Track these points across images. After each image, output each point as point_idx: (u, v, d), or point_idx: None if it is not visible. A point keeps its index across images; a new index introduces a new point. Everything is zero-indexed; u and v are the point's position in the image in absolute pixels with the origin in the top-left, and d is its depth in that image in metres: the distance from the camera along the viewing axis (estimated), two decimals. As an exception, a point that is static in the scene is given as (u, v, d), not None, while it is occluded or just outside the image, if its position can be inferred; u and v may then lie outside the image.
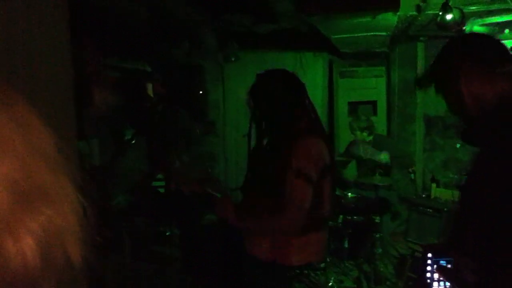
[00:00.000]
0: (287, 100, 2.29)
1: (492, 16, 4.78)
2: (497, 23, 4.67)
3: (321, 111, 5.80)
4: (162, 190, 4.34)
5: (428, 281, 1.46)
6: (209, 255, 2.45)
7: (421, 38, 6.26)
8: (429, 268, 1.46)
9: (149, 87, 4.98)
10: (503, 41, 1.55)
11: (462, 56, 1.50)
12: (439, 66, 1.58)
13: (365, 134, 5.36)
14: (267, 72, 2.39)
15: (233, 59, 6.00)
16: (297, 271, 4.15)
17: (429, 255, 1.47)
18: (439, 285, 1.46)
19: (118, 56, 4.31)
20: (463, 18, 4.55)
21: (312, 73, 6.49)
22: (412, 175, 6.00)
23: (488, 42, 1.53)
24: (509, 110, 1.39)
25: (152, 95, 4.96)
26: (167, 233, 4.62)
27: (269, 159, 2.32)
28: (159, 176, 4.38)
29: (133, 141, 4.27)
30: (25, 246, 0.43)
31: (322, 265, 4.42)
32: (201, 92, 6.38)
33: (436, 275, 1.47)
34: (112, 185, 3.65)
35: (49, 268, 0.46)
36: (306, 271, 4.44)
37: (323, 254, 2.51)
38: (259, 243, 2.27)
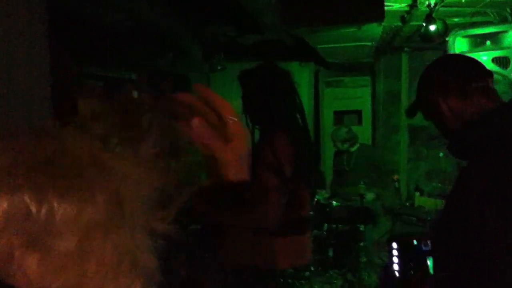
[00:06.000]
0: (277, 95, 2.29)
1: (474, 28, 4.87)
2: (479, 35, 4.75)
3: (306, 120, 5.83)
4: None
5: (396, 271, 1.48)
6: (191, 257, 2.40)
7: (406, 49, 6.34)
8: (395, 259, 1.49)
9: (135, 95, 4.97)
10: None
11: (439, 74, 1.58)
12: (420, 89, 1.65)
13: (346, 145, 5.39)
14: (261, 65, 2.38)
15: (219, 67, 6.02)
16: (281, 279, 4.15)
17: (394, 245, 1.50)
18: (404, 273, 1.48)
19: (102, 65, 4.30)
20: (446, 29, 4.63)
21: (298, 82, 6.53)
22: (397, 184, 6.05)
23: (464, 60, 1.60)
24: (487, 123, 1.43)
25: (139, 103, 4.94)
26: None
27: (252, 155, 2.31)
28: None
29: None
30: None
31: (307, 274, 4.42)
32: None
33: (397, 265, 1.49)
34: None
35: None
36: (290, 280, 4.44)
37: (308, 257, 2.48)
38: (238, 247, 2.23)
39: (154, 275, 0.50)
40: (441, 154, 5.54)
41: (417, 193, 5.44)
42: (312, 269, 4.16)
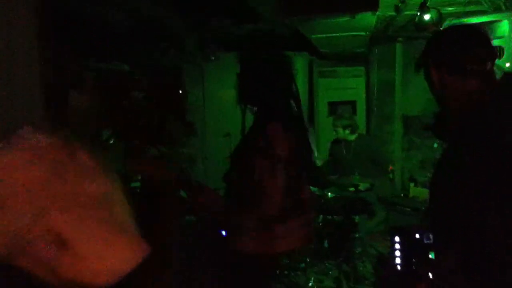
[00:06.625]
0: (273, 81, 2.25)
1: (468, 17, 4.85)
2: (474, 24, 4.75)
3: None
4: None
5: (397, 262, 1.48)
6: (191, 257, 2.39)
7: (400, 39, 6.33)
8: (397, 253, 1.48)
9: (129, 86, 4.92)
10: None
11: (441, 43, 1.55)
12: (424, 53, 1.61)
13: (347, 132, 5.36)
14: (261, 50, 2.35)
15: (212, 58, 5.97)
16: (277, 271, 4.14)
17: (397, 238, 1.49)
18: (406, 267, 1.47)
19: (96, 57, 4.25)
20: (441, 18, 4.61)
21: (297, 69, 6.51)
22: (391, 174, 6.06)
23: (471, 37, 1.51)
24: (475, 107, 1.41)
25: (132, 95, 4.90)
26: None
27: (246, 143, 2.28)
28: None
29: (111, 141, 4.20)
30: None
31: (302, 265, 4.42)
32: (180, 91, 6.34)
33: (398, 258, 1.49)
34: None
35: None
36: (286, 271, 4.44)
37: (311, 237, 2.46)
38: (243, 235, 2.21)
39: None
40: (435, 145, 5.55)
41: (412, 184, 5.47)
42: (308, 260, 4.16)
